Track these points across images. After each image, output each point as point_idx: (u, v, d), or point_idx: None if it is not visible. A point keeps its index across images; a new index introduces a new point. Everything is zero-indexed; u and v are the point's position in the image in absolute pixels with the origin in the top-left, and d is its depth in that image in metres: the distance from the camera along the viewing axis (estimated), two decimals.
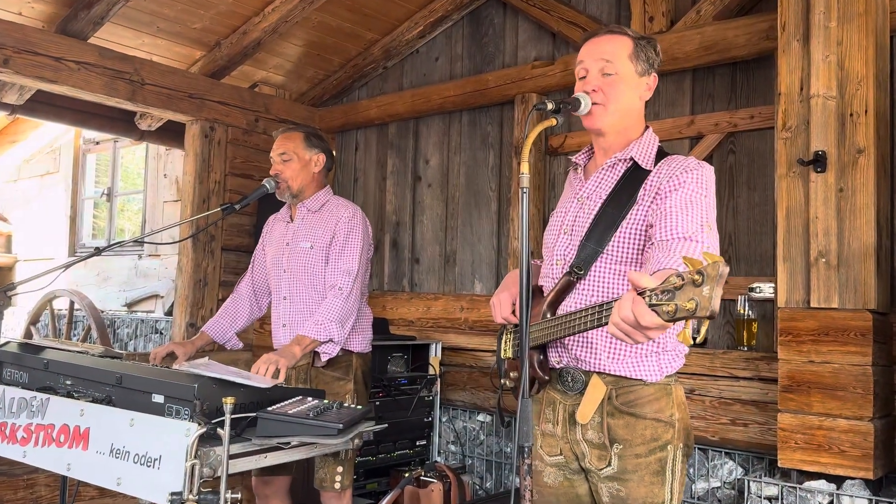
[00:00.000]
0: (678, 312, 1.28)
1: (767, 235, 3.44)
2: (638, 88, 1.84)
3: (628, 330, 1.41)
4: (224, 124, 4.65)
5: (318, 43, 4.68)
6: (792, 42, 2.74)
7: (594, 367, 1.78)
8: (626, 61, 1.81)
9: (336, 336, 2.70)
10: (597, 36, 1.86)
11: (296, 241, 2.91)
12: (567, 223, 1.87)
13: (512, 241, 4.22)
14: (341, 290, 2.76)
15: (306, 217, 2.94)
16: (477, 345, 4.27)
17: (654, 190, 1.74)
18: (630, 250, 1.75)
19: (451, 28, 4.71)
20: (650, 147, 1.84)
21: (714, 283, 1.24)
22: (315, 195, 2.94)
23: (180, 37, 4.38)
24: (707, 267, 1.26)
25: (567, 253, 1.84)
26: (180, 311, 4.51)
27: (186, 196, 4.57)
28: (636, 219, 1.75)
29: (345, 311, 2.74)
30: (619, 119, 1.83)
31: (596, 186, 1.86)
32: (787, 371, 2.66)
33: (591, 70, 1.82)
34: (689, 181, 1.71)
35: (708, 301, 1.24)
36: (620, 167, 1.84)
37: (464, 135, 4.64)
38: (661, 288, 1.32)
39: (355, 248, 2.84)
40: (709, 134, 3.60)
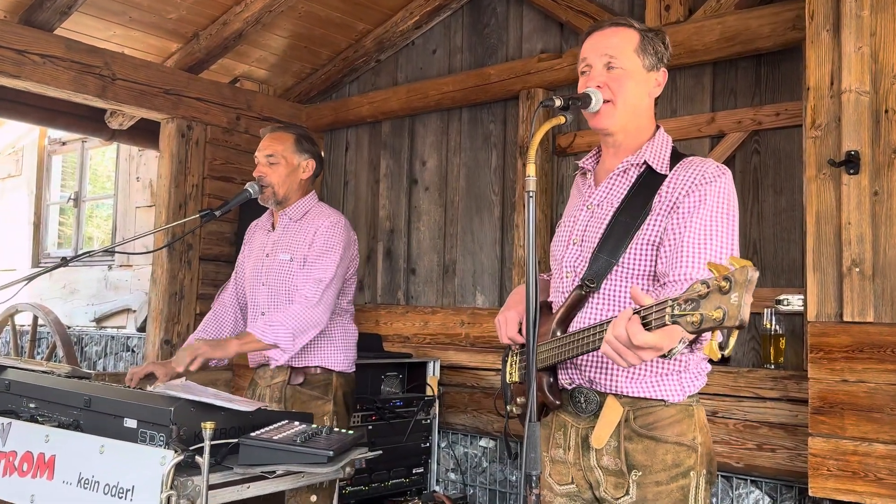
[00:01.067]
0: (704, 323, 1.28)
1: (795, 243, 3.44)
2: (646, 84, 1.84)
3: (620, 349, 1.45)
4: (202, 123, 4.65)
5: (304, 34, 4.70)
6: (821, 32, 2.75)
7: (610, 388, 1.78)
8: (632, 55, 1.82)
9: (283, 343, 2.70)
10: (599, 30, 1.87)
11: (275, 253, 2.91)
12: (577, 233, 1.87)
13: (517, 250, 4.22)
14: (307, 298, 2.77)
15: (288, 226, 2.94)
16: (479, 363, 4.27)
17: (671, 200, 1.74)
18: (646, 262, 1.75)
19: (450, 18, 4.73)
20: (664, 149, 1.85)
21: (743, 290, 1.24)
22: (298, 202, 2.95)
23: (155, 28, 4.39)
24: (735, 272, 1.26)
25: (577, 265, 1.84)
26: (154, 326, 4.51)
27: (161, 201, 4.57)
28: (652, 229, 1.75)
29: (304, 322, 2.74)
30: (629, 118, 1.83)
31: (607, 193, 1.86)
32: (818, 391, 2.66)
33: (595, 65, 1.83)
34: (709, 196, 1.71)
35: (737, 309, 1.24)
36: (633, 172, 1.84)
37: (464, 134, 4.65)
38: (685, 297, 1.32)
39: (332, 258, 2.84)
40: (731, 132, 3.61)
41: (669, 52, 1.89)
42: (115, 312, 7.10)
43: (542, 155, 4.14)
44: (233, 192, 4.50)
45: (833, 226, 2.69)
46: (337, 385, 2.89)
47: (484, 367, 4.24)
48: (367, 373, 4.00)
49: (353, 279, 2.99)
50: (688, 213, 1.71)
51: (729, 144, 3.61)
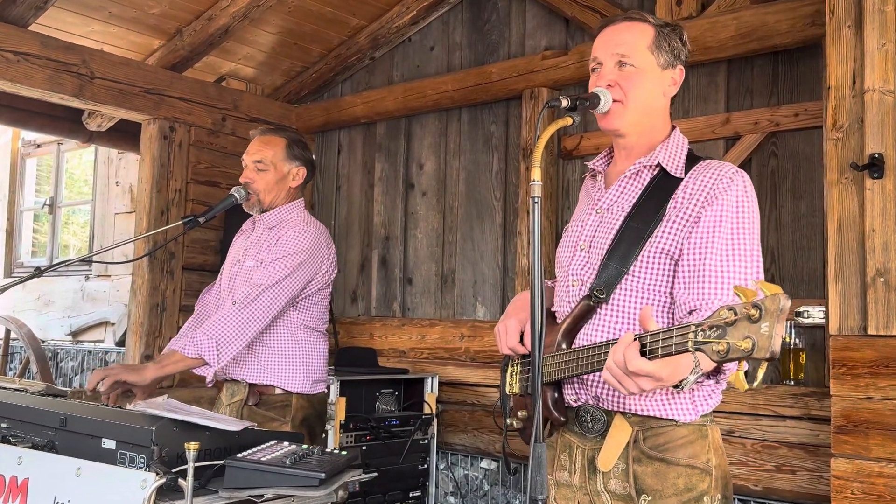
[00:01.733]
0: (731, 353, 1.27)
1: (816, 252, 3.44)
2: (661, 83, 1.84)
3: (618, 375, 1.48)
4: (186, 124, 4.66)
5: (294, 30, 4.71)
6: (842, 28, 2.76)
7: (617, 405, 1.77)
8: (645, 53, 1.82)
9: (207, 355, 2.58)
10: (612, 24, 1.87)
11: (243, 260, 2.88)
12: (584, 238, 1.87)
13: (520, 259, 4.22)
14: (234, 303, 2.67)
15: (262, 234, 2.91)
16: (480, 379, 4.26)
17: (688, 209, 1.74)
18: (658, 271, 1.75)
19: (449, 13, 4.74)
20: (679, 150, 1.84)
21: (774, 320, 1.22)
22: (277, 209, 2.90)
23: (136, 23, 4.40)
24: (765, 300, 1.24)
25: (584, 273, 1.83)
26: (134, 341, 4.50)
27: (142, 207, 4.57)
28: (666, 236, 1.74)
29: (228, 329, 2.62)
30: (641, 118, 1.84)
31: (618, 196, 1.86)
32: (841, 409, 2.65)
33: (606, 63, 1.83)
34: (728, 208, 1.70)
35: (767, 340, 1.23)
36: (646, 175, 1.84)
37: (463, 135, 4.66)
38: (710, 323, 1.31)
39: (282, 266, 2.73)
40: (747, 134, 3.62)
41: (688, 48, 1.89)
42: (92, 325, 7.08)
43: (547, 158, 4.14)
44: (218, 197, 4.50)
45: (856, 233, 2.69)
46: (297, 407, 2.82)
47: (485, 383, 4.24)
48: (360, 390, 3.99)
49: (322, 296, 2.90)
50: (708, 231, 1.70)
51: (745, 147, 3.62)
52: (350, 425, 3.80)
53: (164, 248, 4.51)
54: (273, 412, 2.80)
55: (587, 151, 4.09)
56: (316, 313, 2.90)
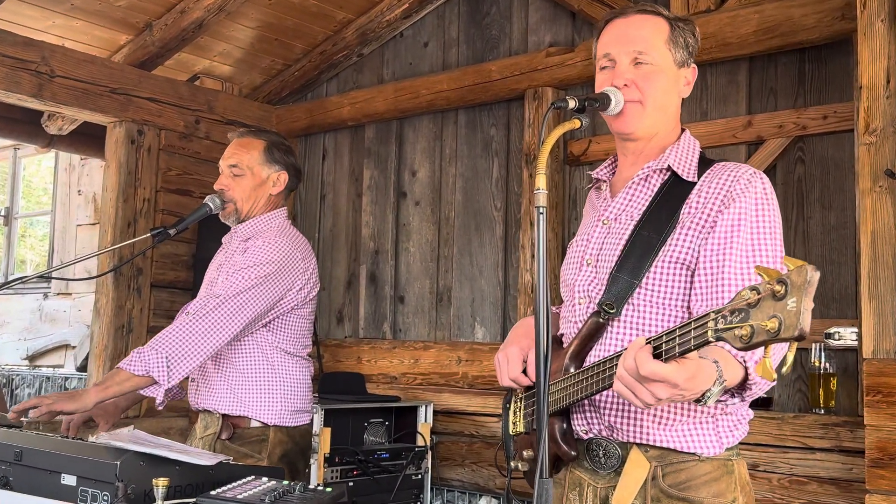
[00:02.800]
0: (756, 335, 1.25)
1: (848, 267, 3.45)
2: (677, 82, 1.86)
3: (630, 383, 1.45)
4: (156, 127, 4.65)
5: (275, 25, 4.72)
6: (875, 22, 2.77)
7: (633, 436, 1.76)
8: (662, 49, 1.83)
9: (157, 374, 2.51)
10: (624, 17, 1.88)
11: (217, 276, 2.86)
12: (591, 252, 1.87)
13: (522, 275, 4.22)
14: (189, 315, 2.61)
15: (237, 247, 2.89)
16: (479, 407, 4.25)
17: (704, 214, 1.74)
18: (674, 283, 1.75)
19: (445, 6, 4.76)
20: (690, 153, 1.85)
21: (801, 294, 1.21)
22: (253, 220, 2.87)
23: (101, 17, 4.40)
24: (790, 273, 1.23)
25: (592, 289, 1.83)
26: (97, 365, 4.48)
27: (107, 218, 4.56)
28: (680, 245, 1.74)
29: (181, 344, 2.55)
30: (657, 121, 1.85)
31: (626, 204, 1.86)
32: (876, 440, 2.65)
33: (621, 60, 1.84)
34: (746, 211, 1.71)
35: (795, 317, 1.21)
36: (656, 180, 1.84)
37: (460, 139, 4.66)
38: (731, 307, 1.29)
39: (245, 277, 2.68)
40: (771, 138, 3.63)
41: (698, 45, 1.91)
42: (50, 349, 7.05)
43: (552, 164, 4.15)
44: (190, 207, 4.49)
45: (891, 246, 2.70)
46: (274, 442, 2.77)
47: (485, 411, 4.22)
48: (347, 419, 3.98)
49: (299, 315, 2.85)
50: (725, 236, 1.70)
51: (769, 152, 3.63)
52: (335, 459, 3.78)
53: (131, 263, 4.49)
54: (247, 447, 2.75)
55: (596, 157, 4.10)
56: (293, 335, 2.84)
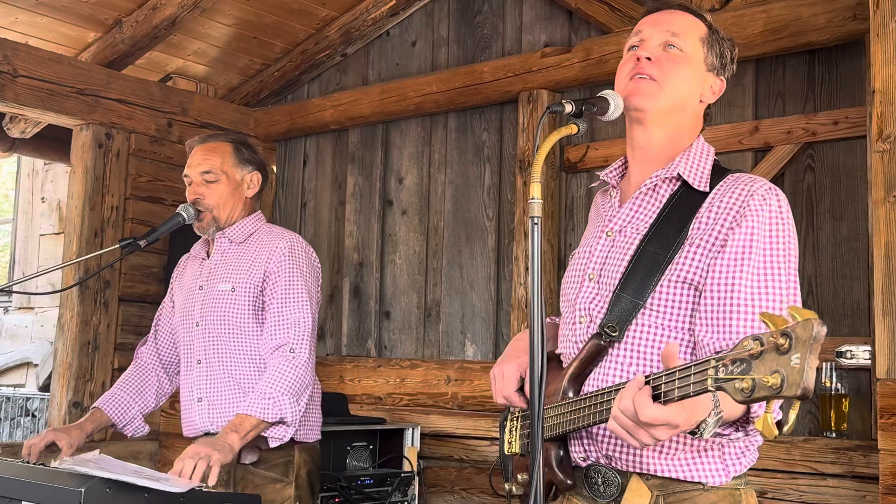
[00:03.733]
0: (756, 390, 1.26)
1: (860, 281, 3.46)
2: (702, 82, 1.88)
3: (628, 425, 1.46)
4: (125, 130, 4.64)
5: (254, 22, 4.72)
6: (889, 23, 2.79)
7: (633, 465, 1.75)
8: (696, 42, 1.86)
9: (289, 415, 2.64)
10: (665, 10, 1.92)
11: (212, 284, 2.88)
12: (593, 267, 1.87)
13: (516, 289, 4.22)
14: (293, 351, 2.72)
15: (227, 251, 2.92)
16: (469, 430, 4.24)
17: (714, 231, 1.73)
18: (680, 304, 1.75)
19: (434, 3, 4.77)
20: (703, 160, 1.85)
21: (806, 350, 1.21)
22: (240, 222, 2.94)
23: (67, 13, 4.40)
24: (796, 327, 1.23)
25: (594, 307, 1.83)
26: (61, 385, 4.45)
27: (72, 227, 4.55)
28: (689, 263, 1.74)
29: (300, 382, 2.69)
30: (670, 110, 1.85)
31: (631, 216, 1.86)
32: (890, 466, 2.65)
33: (651, 38, 1.86)
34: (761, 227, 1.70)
35: (799, 374, 1.21)
36: (665, 189, 1.84)
37: (450, 144, 4.67)
38: (732, 356, 1.30)
39: (303, 294, 2.80)
40: (778, 145, 3.65)
41: (734, 65, 1.93)
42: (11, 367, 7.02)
43: (548, 172, 4.15)
44: (162, 216, 4.48)
45: None
46: (300, 462, 2.83)
47: (475, 435, 4.21)
48: (329, 443, 3.95)
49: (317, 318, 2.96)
50: (736, 257, 1.69)
51: (776, 160, 3.64)
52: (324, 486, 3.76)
53: (98, 275, 4.48)
54: (275, 471, 2.78)
55: (594, 164, 4.11)
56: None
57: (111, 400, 2.96)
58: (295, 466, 2.81)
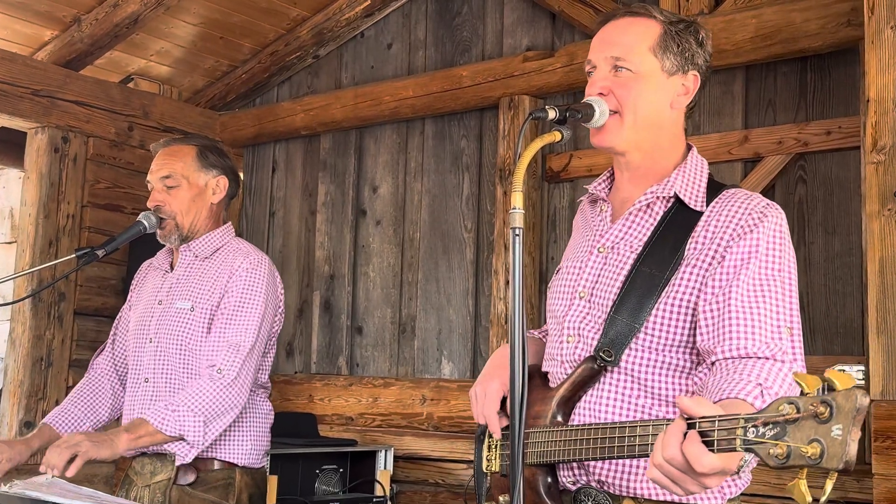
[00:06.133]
0: (793, 458, 1.24)
1: (853, 298, 3.48)
2: (667, 92, 1.86)
3: (676, 476, 1.39)
4: (83, 134, 4.61)
5: (221, 21, 4.70)
6: (884, 30, 2.81)
7: (625, 489, 1.76)
8: (645, 55, 1.84)
9: (191, 434, 2.62)
10: (613, 20, 1.90)
11: (171, 300, 2.87)
12: (584, 285, 1.86)
13: (495, 304, 4.22)
14: (220, 372, 2.71)
15: (191, 265, 2.91)
16: (445, 452, 4.22)
17: (711, 250, 1.75)
18: (677, 328, 1.75)
19: (411, 4, 4.78)
20: (698, 177, 1.86)
21: (849, 422, 1.19)
22: (207, 235, 2.93)
23: (23, 9, 4.37)
24: (837, 396, 1.22)
25: (585, 328, 1.83)
26: (11, 403, 4.40)
27: (25, 236, 4.50)
28: (686, 284, 1.75)
29: (218, 405, 2.68)
30: (643, 134, 1.85)
31: (624, 233, 1.86)
32: (885, 491, 2.66)
33: (600, 67, 1.85)
34: (759, 243, 1.72)
35: (841, 447, 1.19)
36: (659, 207, 1.85)
37: (427, 152, 4.67)
38: (765, 418, 1.28)
39: (253, 315, 2.80)
40: (769, 155, 3.67)
41: (707, 50, 1.90)
42: None
43: (530, 181, 4.16)
44: (121, 224, 4.44)
45: None
46: (241, 486, 2.81)
47: (452, 457, 4.20)
48: (296, 466, 3.94)
49: (273, 343, 2.96)
50: (734, 269, 1.71)
51: (767, 171, 3.66)
52: None
53: (53, 287, 4.44)
54: (214, 493, 2.77)
55: (578, 173, 4.12)
56: (266, 368, 2.94)
57: (61, 415, 2.94)
58: (236, 490, 2.80)
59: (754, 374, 1.58)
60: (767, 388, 1.54)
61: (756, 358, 1.63)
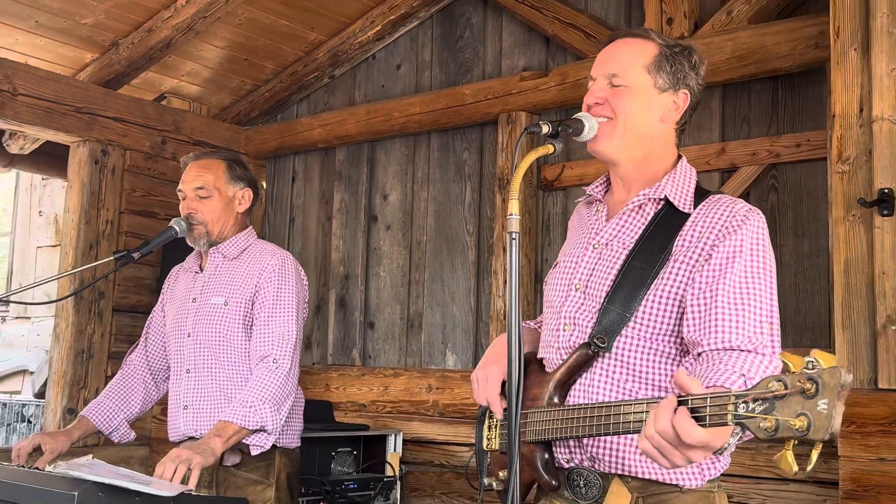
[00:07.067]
0: (781, 431, 1.25)
1: (820, 296, 3.48)
2: (658, 106, 1.87)
3: (665, 448, 1.40)
4: (121, 147, 4.63)
5: (245, 45, 4.72)
6: (848, 51, 2.82)
7: (615, 467, 1.76)
8: (640, 72, 1.85)
9: (270, 423, 2.65)
10: (616, 40, 1.92)
11: (205, 297, 2.89)
12: (580, 278, 1.87)
13: (495, 301, 4.22)
14: (276, 362, 2.73)
15: (221, 266, 2.93)
16: (450, 436, 4.23)
17: (698, 248, 1.76)
18: (666, 318, 1.76)
19: (418, 28, 4.79)
20: (687, 183, 1.87)
21: (834, 397, 1.21)
22: (233, 238, 2.95)
23: (66, 35, 4.38)
24: (823, 374, 1.23)
25: (580, 317, 1.84)
26: (56, 392, 4.41)
27: (68, 240, 4.52)
28: (673, 279, 1.76)
29: (282, 392, 2.70)
30: (634, 143, 1.86)
31: (618, 231, 1.87)
32: (850, 471, 2.66)
33: (598, 80, 1.88)
34: (742, 245, 1.73)
35: (826, 420, 1.21)
36: (650, 208, 1.85)
37: (433, 163, 4.67)
38: (755, 394, 1.29)
39: (290, 309, 2.82)
40: (744, 166, 3.67)
41: (700, 75, 1.90)
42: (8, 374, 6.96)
43: (525, 189, 4.16)
44: (155, 229, 4.46)
45: (865, 276, 2.72)
46: (281, 465, 2.83)
47: (456, 441, 4.21)
48: (314, 448, 3.94)
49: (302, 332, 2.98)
50: (720, 267, 1.72)
51: (742, 180, 3.67)
52: (301, 489, 3.74)
53: (93, 286, 4.44)
54: (257, 473, 2.78)
55: (570, 182, 4.12)
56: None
57: (97, 408, 2.96)
58: (276, 469, 2.82)
59: (738, 366, 1.59)
60: (750, 378, 1.55)
61: (739, 350, 1.64)
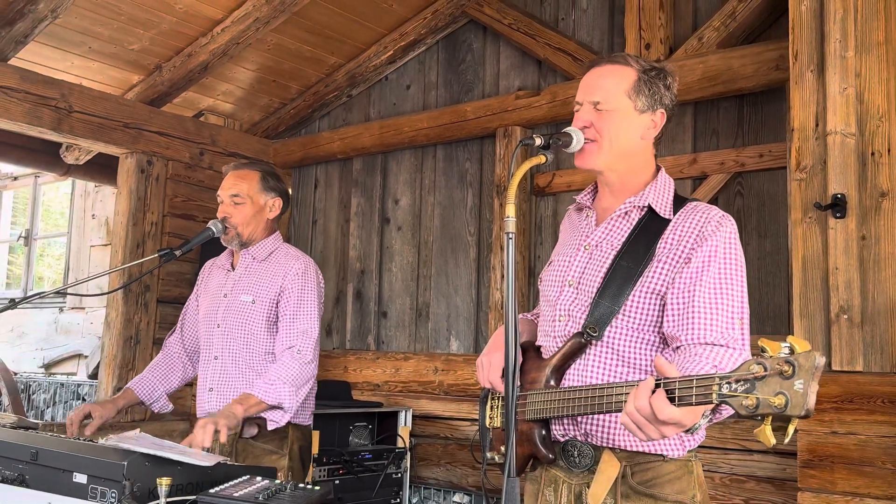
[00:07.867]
0: (761, 408, 1.26)
1: (781, 288, 3.48)
2: (638, 126, 1.85)
3: (641, 422, 1.44)
4: (164, 158, 4.63)
5: (273, 67, 4.72)
6: (805, 73, 2.82)
7: (606, 441, 1.77)
8: (621, 97, 1.83)
9: (287, 402, 2.66)
10: (596, 66, 1.90)
11: (235, 294, 2.88)
12: (573, 275, 1.87)
13: (493, 293, 4.22)
14: (300, 352, 2.75)
15: (250, 266, 2.92)
16: (454, 412, 4.23)
17: (678, 250, 1.76)
18: (649, 311, 1.76)
19: (425, 53, 4.79)
20: (667, 191, 1.87)
21: (810, 377, 1.22)
22: (262, 242, 2.94)
23: (115, 59, 4.39)
24: (799, 357, 1.24)
25: (574, 309, 1.84)
26: (107, 373, 4.42)
27: (118, 240, 4.52)
28: (656, 277, 1.76)
29: (301, 376, 2.72)
30: (618, 158, 1.85)
31: (606, 234, 1.87)
32: (807, 444, 2.66)
33: (584, 106, 1.86)
34: (717, 248, 1.73)
35: (802, 398, 1.22)
36: (635, 215, 1.86)
37: (438, 172, 4.68)
38: (737, 376, 1.30)
39: (312, 308, 2.84)
40: (713, 174, 3.67)
41: (673, 93, 1.88)
42: (65, 358, 6.97)
43: (520, 195, 4.16)
44: (194, 230, 4.47)
45: (820, 271, 2.72)
46: (293, 438, 2.83)
47: (459, 416, 4.21)
48: (334, 423, 3.95)
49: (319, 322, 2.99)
50: (698, 270, 1.72)
51: (711, 186, 3.66)
52: (323, 459, 3.75)
53: (140, 280, 4.46)
54: (271, 444, 2.78)
55: (559, 189, 4.12)
56: None
57: (140, 382, 2.98)
58: (289, 441, 2.82)
59: (711, 358, 1.60)
60: (721, 369, 1.56)
61: (713, 345, 1.65)
